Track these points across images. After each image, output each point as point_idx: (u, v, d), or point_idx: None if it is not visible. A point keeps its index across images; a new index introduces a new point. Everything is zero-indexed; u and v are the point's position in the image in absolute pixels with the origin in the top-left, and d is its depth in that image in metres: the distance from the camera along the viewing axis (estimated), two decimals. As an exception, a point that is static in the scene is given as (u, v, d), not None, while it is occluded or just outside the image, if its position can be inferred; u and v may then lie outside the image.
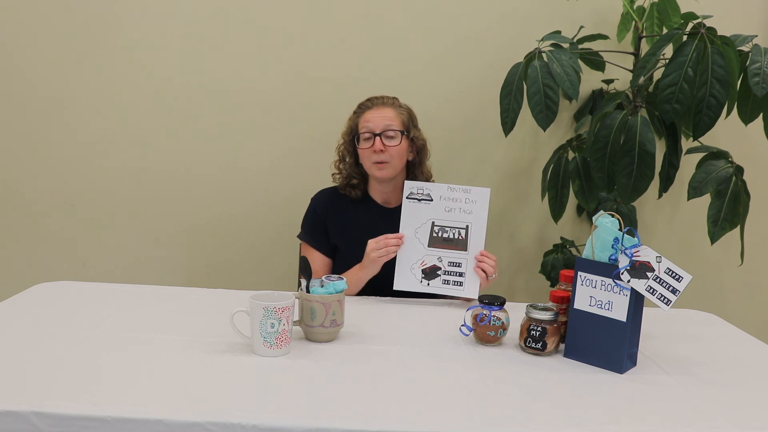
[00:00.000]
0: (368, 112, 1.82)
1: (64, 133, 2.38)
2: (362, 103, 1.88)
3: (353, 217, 1.87)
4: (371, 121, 1.79)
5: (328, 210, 1.87)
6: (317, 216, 1.87)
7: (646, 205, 2.41)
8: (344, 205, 1.88)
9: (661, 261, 1.21)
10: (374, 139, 1.77)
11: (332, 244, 1.87)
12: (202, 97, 2.36)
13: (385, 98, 1.87)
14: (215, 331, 1.33)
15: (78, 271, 2.44)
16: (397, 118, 1.81)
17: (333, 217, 1.87)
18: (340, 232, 1.86)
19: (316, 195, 1.92)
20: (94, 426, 0.97)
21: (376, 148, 1.76)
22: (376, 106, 1.83)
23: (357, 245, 1.77)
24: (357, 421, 1.00)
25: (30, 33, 2.32)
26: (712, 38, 1.74)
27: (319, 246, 1.87)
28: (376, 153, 1.76)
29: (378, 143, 1.76)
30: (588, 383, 1.19)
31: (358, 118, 1.84)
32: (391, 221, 1.77)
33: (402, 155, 1.81)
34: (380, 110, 1.81)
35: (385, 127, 1.78)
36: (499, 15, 2.33)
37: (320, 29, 2.33)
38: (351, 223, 1.86)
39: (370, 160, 1.79)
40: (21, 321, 1.38)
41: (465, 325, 1.39)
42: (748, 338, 1.52)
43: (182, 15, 2.31)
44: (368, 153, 1.78)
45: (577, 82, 1.86)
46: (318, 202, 1.89)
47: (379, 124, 1.78)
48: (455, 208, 1.69)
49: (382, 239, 1.67)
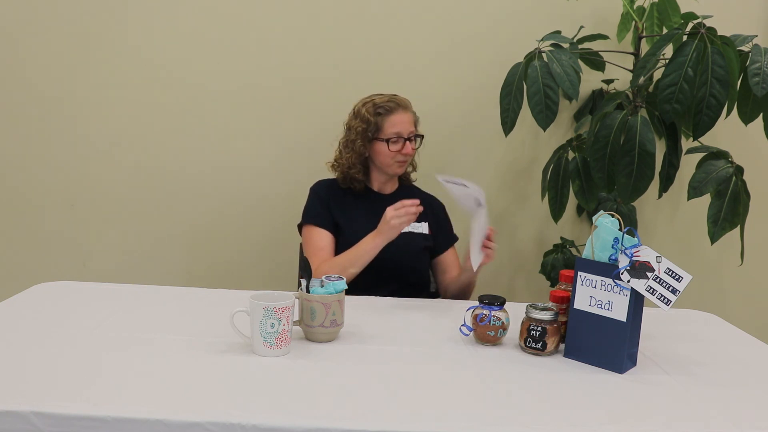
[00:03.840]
0: (395, 116, 1.88)
1: (65, 133, 2.38)
2: (383, 104, 1.89)
3: (351, 203, 1.93)
4: (400, 125, 1.87)
5: (329, 195, 1.93)
6: (320, 198, 1.93)
7: (646, 205, 2.41)
8: (342, 194, 1.94)
9: (661, 261, 1.21)
10: (404, 143, 1.87)
11: (335, 222, 1.89)
12: (203, 97, 2.36)
13: (406, 102, 1.93)
14: (215, 331, 1.33)
15: (78, 271, 2.44)
16: (413, 122, 1.92)
17: (334, 202, 1.92)
18: (340, 214, 1.90)
19: (315, 185, 1.98)
20: (94, 426, 0.97)
21: (406, 152, 1.87)
22: (400, 109, 1.89)
23: (356, 228, 1.84)
24: (357, 421, 1.00)
25: (30, 33, 2.32)
26: (712, 38, 1.74)
27: (324, 223, 1.89)
28: (403, 154, 1.87)
29: (408, 148, 1.87)
30: (588, 383, 1.19)
31: (383, 119, 1.87)
32: (386, 205, 1.79)
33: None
34: (404, 115, 1.90)
35: (411, 132, 1.89)
36: (499, 15, 2.33)
37: (320, 29, 2.33)
38: (349, 209, 1.92)
39: (394, 159, 1.88)
40: (21, 321, 1.38)
41: (465, 325, 1.39)
42: (748, 338, 1.52)
43: (182, 15, 2.32)
44: (394, 154, 1.87)
45: (577, 82, 1.86)
46: (320, 188, 1.96)
47: (406, 128, 1.88)
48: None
49: (400, 205, 1.68)
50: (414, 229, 1.90)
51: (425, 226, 1.92)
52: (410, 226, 1.87)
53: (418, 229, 1.91)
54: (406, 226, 1.71)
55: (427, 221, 1.93)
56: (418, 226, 1.91)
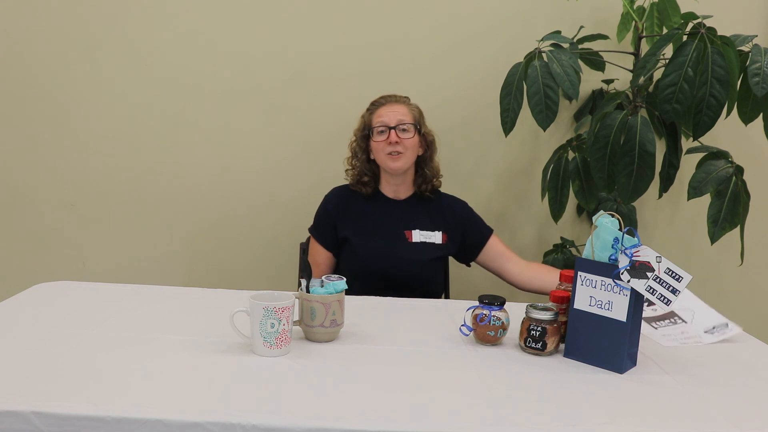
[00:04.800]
0: (382, 108, 1.89)
1: (65, 133, 2.38)
2: (375, 100, 1.94)
3: (364, 209, 1.92)
4: (385, 115, 1.87)
5: (339, 207, 1.93)
6: (327, 214, 1.93)
7: (646, 205, 2.41)
8: (355, 201, 1.94)
9: (661, 261, 1.21)
10: (389, 132, 1.84)
11: (340, 238, 1.90)
12: (203, 98, 2.36)
13: (398, 96, 1.94)
14: (215, 331, 1.33)
15: (78, 271, 2.44)
16: (409, 114, 1.89)
17: (343, 213, 1.92)
18: (349, 225, 1.90)
19: (329, 193, 1.98)
20: (94, 426, 0.97)
21: (392, 140, 1.83)
22: (389, 102, 1.90)
23: (367, 236, 1.86)
24: (357, 421, 1.00)
25: (30, 33, 2.32)
26: (712, 38, 1.73)
27: (324, 242, 1.93)
28: (391, 144, 1.84)
29: (393, 135, 1.83)
30: (588, 383, 1.19)
31: (371, 115, 1.90)
32: (400, 213, 1.81)
33: (414, 148, 1.89)
34: (393, 106, 1.89)
35: (399, 121, 1.85)
36: (499, 15, 2.33)
37: (321, 29, 2.33)
38: (362, 216, 1.91)
39: (384, 152, 1.86)
40: (21, 321, 1.38)
41: (465, 325, 1.39)
42: (748, 338, 1.51)
43: (182, 15, 2.31)
44: (383, 146, 1.85)
45: (577, 82, 1.86)
46: (329, 201, 1.96)
47: (393, 118, 1.86)
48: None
49: None
50: (426, 239, 1.88)
51: (438, 236, 1.89)
52: (423, 236, 1.87)
53: (430, 239, 1.88)
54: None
55: (442, 230, 1.90)
56: (430, 235, 1.89)
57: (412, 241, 1.87)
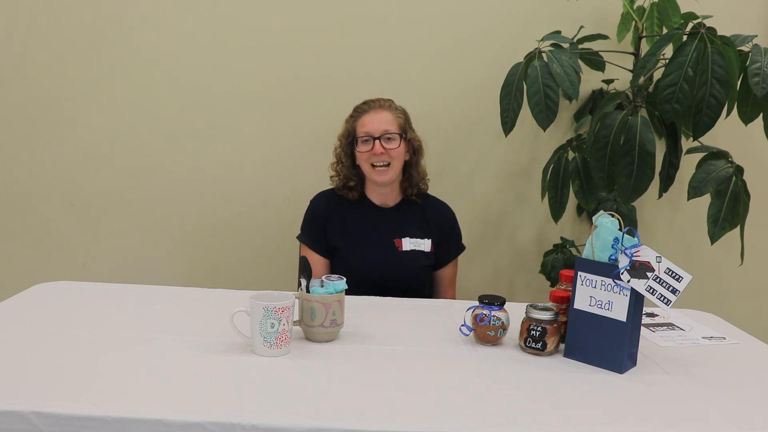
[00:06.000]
0: (366, 116, 1.83)
1: (65, 133, 2.38)
2: (358, 106, 1.88)
3: (351, 217, 1.88)
4: (369, 124, 1.81)
5: (327, 212, 1.88)
6: (315, 218, 1.89)
7: (646, 205, 2.41)
8: (342, 207, 1.89)
9: (661, 261, 1.21)
10: (374, 143, 1.79)
11: (331, 245, 1.87)
12: (202, 98, 2.36)
13: (382, 101, 1.88)
14: (215, 331, 1.33)
15: (78, 271, 2.44)
16: (394, 122, 1.83)
17: (332, 218, 1.88)
18: (339, 233, 1.87)
19: (315, 198, 1.93)
20: (94, 426, 0.97)
21: (376, 151, 1.78)
22: (373, 109, 1.84)
23: (356, 245, 1.80)
24: (357, 421, 1.00)
25: (31, 33, 2.32)
26: (712, 38, 1.73)
27: (317, 247, 1.88)
28: (375, 155, 1.79)
29: (378, 146, 1.78)
30: (588, 383, 1.19)
31: (355, 121, 1.85)
32: (387, 221, 1.77)
33: (401, 157, 1.84)
34: (378, 113, 1.83)
35: (384, 132, 1.80)
36: (499, 15, 2.33)
37: (320, 30, 2.33)
38: (349, 224, 1.87)
39: (369, 162, 1.81)
40: (21, 321, 1.38)
41: (465, 325, 1.39)
42: (748, 338, 1.51)
43: (182, 15, 2.31)
44: (367, 156, 1.81)
45: (577, 82, 1.86)
46: (317, 205, 1.91)
47: (377, 127, 1.80)
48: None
49: None
50: (416, 247, 1.86)
51: (428, 243, 1.88)
52: (413, 244, 1.84)
53: (420, 247, 1.86)
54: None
55: (431, 237, 1.89)
56: (420, 243, 1.86)
57: (403, 249, 1.85)
